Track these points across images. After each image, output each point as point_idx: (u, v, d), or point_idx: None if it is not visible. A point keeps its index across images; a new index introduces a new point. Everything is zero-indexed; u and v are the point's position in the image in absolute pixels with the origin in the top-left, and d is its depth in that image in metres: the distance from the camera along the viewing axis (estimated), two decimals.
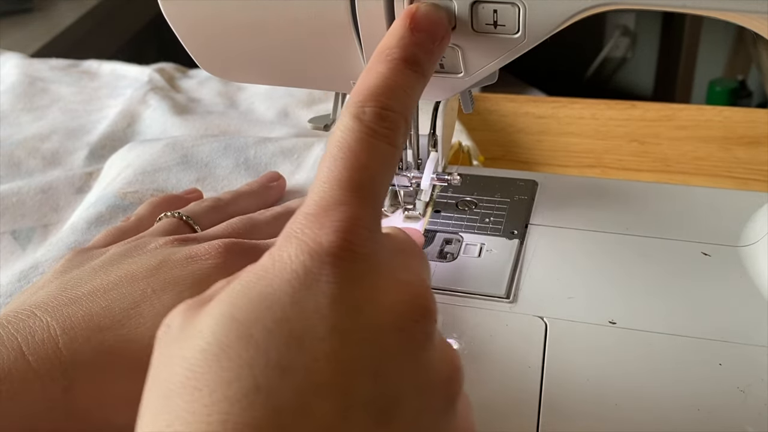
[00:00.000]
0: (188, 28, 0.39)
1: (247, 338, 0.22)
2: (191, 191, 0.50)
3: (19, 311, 0.33)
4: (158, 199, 0.47)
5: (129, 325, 0.33)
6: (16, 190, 0.55)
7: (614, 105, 0.67)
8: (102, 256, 0.39)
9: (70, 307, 0.34)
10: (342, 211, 0.25)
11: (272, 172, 0.52)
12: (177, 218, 0.44)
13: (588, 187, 0.50)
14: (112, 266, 0.37)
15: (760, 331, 0.38)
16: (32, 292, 0.37)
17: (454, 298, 0.41)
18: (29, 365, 0.31)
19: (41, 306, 0.34)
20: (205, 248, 0.37)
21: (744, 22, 0.34)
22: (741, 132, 0.62)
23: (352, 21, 0.35)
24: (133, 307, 0.34)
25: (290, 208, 0.46)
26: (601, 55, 1.96)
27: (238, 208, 0.47)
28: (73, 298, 0.34)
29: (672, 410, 0.35)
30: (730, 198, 0.48)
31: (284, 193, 0.52)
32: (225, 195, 0.48)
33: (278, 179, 0.51)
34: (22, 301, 0.36)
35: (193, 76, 0.74)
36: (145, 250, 0.38)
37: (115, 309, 0.34)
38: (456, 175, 0.47)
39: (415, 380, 0.24)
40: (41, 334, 0.32)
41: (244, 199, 0.48)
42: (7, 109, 0.68)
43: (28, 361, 0.31)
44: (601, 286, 0.42)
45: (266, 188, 0.50)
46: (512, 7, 0.33)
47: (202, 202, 0.46)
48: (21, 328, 0.32)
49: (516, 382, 0.36)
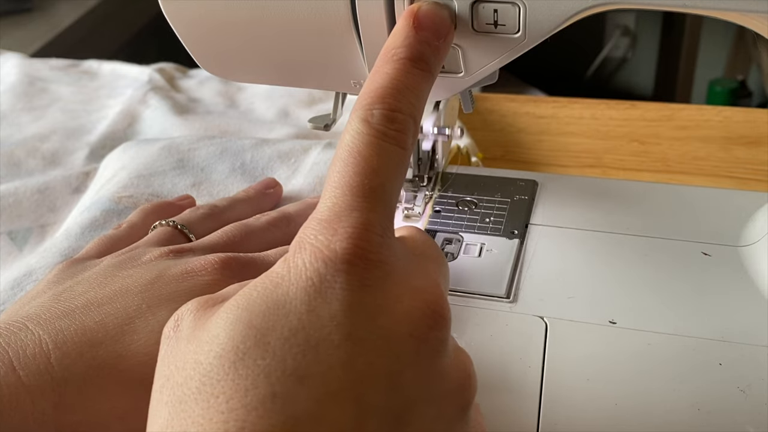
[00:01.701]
0: (188, 28, 0.39)
1: (264, 346, 0.22)
2: (184, 198, 0.50)
3: (10, 323, 0.33)
4: (150, 206, 0.47)
5: (123, 341, 0.33)
6: (13, 190, 0.54)
7: (614, 105, 0.67)
8: (95, 268, 0.38)
9: (63, 321, 0.33)
10: (354, 217, 0.25)
11: (269, 179, 0.51)
12: (171, 227, 0.43)
13: (588, 187, 0.50)
14: (107, 279, 0.36)
15: (760, 330, 0.38)
16: (24, 302, 0.36)
17: (454, 298, 0.41)
18: (20, 380, 0.30)
19: (33, 318, 0.33)
20: (201, 263, 0.37)
21: (744, 22, 0.34)
22: (741, 132, 0.62)
23: (352, 21, 0.35)
24: (127, 323, 0.33)
25: (286, 213, 0.46)
26: (601, 55, 1.96)
27: (234, 216, 0.46)
28: (66, 311, 0.34)
29: (672, 410, 0.35)
30: (730, 198, 0.48)
31: (281, 200, 0.51)
32: (220, 202, 0.47)
33: (275, 186, 0.51)
34: (14, 311, 0.35)
35: (193, 76, 0.74)
36: (139, 262, 0.38)
37: (108, 324, 0.33)
38: (456, 128, 0.47)
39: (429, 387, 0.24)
40: (33, 349, 0.32)
41: (240, 206, 0.48)
42: (6, 108, 0.68)
43: (19, 376, 0.31)
44: (601, 286, 0.42)
45: (262, 195, 0.50)
46: (512, 6, 0.33)
47: (197, 209, 0.46)
48: (12, 342, 0.32)
49: (516, 382, 0.36)
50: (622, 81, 2.01)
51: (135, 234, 0.43)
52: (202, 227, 0.44)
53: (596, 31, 1.95)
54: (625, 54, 1.96)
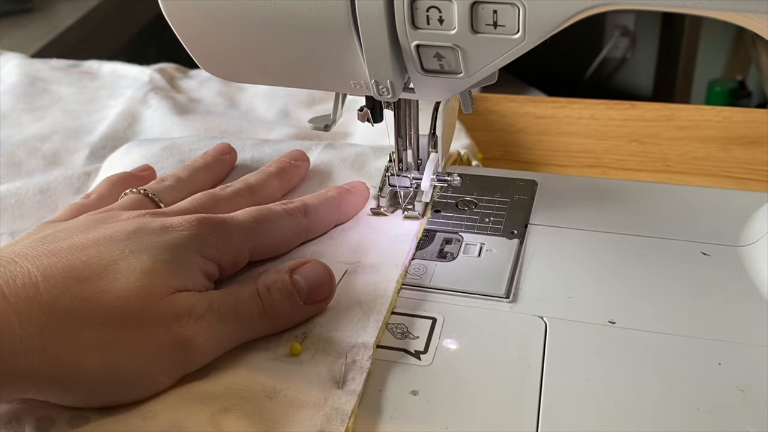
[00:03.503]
0: (188, 28, 0.39)
1: None
2: (144, 168, 0.52)
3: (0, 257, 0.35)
4: (116, 177, 0.49)
5: (106, 279, 0.35)
6: (15, 190, 0.55)
7: (614, 105, 0.67)
8: (75, 221, 0.40)
9: (50, 258, 0.35)
10: None
11: (224, 144, 0.53)
12: (142, 194, 0.45)
13: (588, 187, 0.50)
14: (89, 229, 0.38)
15: (759, 330, 0.38)
16: (8, 245, 0.38)
17: (454, 298, 0.41)
18: (10, 305, 0.32)
19: (21, 255, 0.35)
20: (179, 221, 0.39)
21: (744, 23, 0.34)
22: (740, 132, 0.62)
23: (352, 21, 0.36)
24: (111, 264, 0.36)
25: (248, 183, 0.48)
26: (600, 55, 1.96)
27: (197, 185, 0.49)
28: (52, 250, 0.36)
29: (672, 410, 0.35)
30: (730, 198, 0.48)
31: (235, 164, 0.54)
32: (182, 172, 0.50)
33: (230, 152, 0.53)
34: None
35: (193, 76, 0.74)
36: (118, 219, 0.40)
37: (93, 264, 0.35)
38: (456, 176, 0.47)
39: None
40: (22, 279, 0.34)
41: (201, 174, 0.50)
42: (7, 109, 0.68)
43: (9, 301, 0.33)
44: (601, 286, 0.42)
45: (219, 161, 0.52)
46: (512, 7, 0.33)
47: (162, 180, 0.48)
48: (2, 273, 0.34)
49: (516, 382, 0.36)
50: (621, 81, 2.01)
51: (104, 203, 0.45)
52: (170, 196, 0.46)
53: (596, 31, 1.95)
54: (625, 54, 1.96)
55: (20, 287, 0.33)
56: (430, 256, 0.45)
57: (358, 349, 0.38)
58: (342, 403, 0.35)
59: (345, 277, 0.43)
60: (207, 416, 0.34)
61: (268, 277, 0.39)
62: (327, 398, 0.35)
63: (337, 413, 0.35)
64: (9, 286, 0.33)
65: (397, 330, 0.40)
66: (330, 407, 0.35)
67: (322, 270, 0.40)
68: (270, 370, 0.37)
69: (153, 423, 0.34)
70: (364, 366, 0.37)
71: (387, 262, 0.44)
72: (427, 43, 0.36)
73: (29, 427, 0.35)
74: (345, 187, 0.48)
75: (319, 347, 0.38)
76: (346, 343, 0.38)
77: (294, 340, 0.38)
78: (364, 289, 0.42)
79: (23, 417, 0.35)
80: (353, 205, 0.48)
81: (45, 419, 0.35)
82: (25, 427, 0.35)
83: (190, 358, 0.36)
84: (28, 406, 0.35)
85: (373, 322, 0.39)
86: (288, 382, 0.36)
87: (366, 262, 0.44)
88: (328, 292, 0.40)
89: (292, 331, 0.39)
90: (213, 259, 0.39)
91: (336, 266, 0.42)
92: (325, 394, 0.35)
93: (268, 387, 0.36)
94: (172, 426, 0.34)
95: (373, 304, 0.40)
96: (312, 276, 0.40)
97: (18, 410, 0.35)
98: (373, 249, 0.45)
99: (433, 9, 0.34)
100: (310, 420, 0.34)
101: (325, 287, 0.40)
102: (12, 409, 0.35)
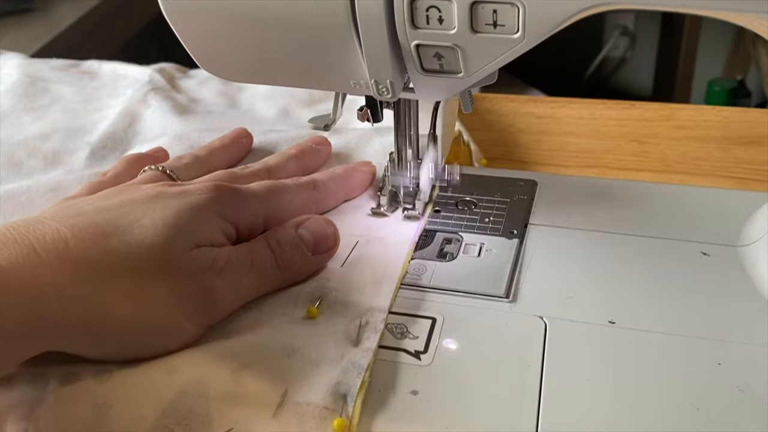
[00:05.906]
0: (188, 28, 0.39)
1: None
2: (158, 150, 0.53)
3: (28, 220, 0.36)
4: (133, 156, 0.51)
5: (132, 233, 0.37)
6: (26, 188, 0.55)
7: (613, 105, 0.67)
8: (96, 195, 0.41)
9: (76, 218, 0.37)
10: None
11: (241, 129, 0.55)
12: (161, 171, 0.47)
13: (588, 187, 0.50)
14: (110, 197, 0.40)
15: (759, 330, 0.38)
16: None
17: (454, 298, 0.42)
18: (41, 259, 0.34)
19: (48, 217, 0.37)
20: (197, 186, 0.41)
21: (743, 22, 0.34)
22: (740, 132, 0.62)
23: (352, 21, 0.36)
24: (135, 221, 0.37)
25: (267, 164, 0.50)
26: (600, 55, 1.96)
27: (214, 164, 0.50)
28: (78, 212, 0.38)
29: (672, 410, 0.35)
30: (730, 198, 0.48)
31: (251, 149, 0.55)
32: (200, 151, 0.52)
33: (247, 136, 0.55)
34: None
35: (193, 76, 0.74)
36: (138, 189, 0.41)
37: (118, 221, 0.37)
38: (455, 174, 0.48)
39: None
40: (51, 236, 0.35)
41: (218, 154, 0.52)
42: (7, 109, 0.68)
43: (40, 256, 0.34)
44: (600, 286, 0.42)
45: (236, 144, 0.54)
46: (512, 7, 0.33)
47: (180, 158, 0.50)
48: (32, 230, 0.35)
49: (516, 382, 0.36)
50: (621, 81, 2.01)
51: (120, 181, 0.47)
52: (187, 174, 0.48)
53: (595, 31, 1.95)
54: (624, 54, 1.96)
55: (50, 243, 0.35)
56: (429, 255, 0.45)
57: (372, 312, 0.40)
58: (358, 358, 0.37)
59: (357, 248, 0.44)
60: (228, 371, 0.36)
61: (276, 233, 0.42)
62: (344, 354, 0.37)
63: (354, 367, 0.37)
64: (39, 242, 0.34)
65: (397, 330, 0.40)
66: (347, 362, 0.37)
67: (325, 223, 0.43)
68: (288, 331, 0.39)
69: (176, 377, 0.36)
70: (378, 327, 0.39)
71: (397, 239, 0.45)
72: (427, 43, 0.36)
73: (54, 382, 0.36)
74: (352, 165, 0.50)
75: (335, 311, 0.40)
76: (362, 306, 0.40)
77: (310, 305, 0.40)
78: (377, 259, 0.44)
79: (48, 373, 0.36)
80: (361, 181, 0.50)
81: (70, 374, 0.36)
82: (50, 382, 0.36)
83: (213, 307, 0.38)
84: (54, 363, 0.36)
85: (387, 288, 0.41)
86: (306, 341, 0.38)
87: (375, 235, 0.46)
88: (333, 243, 0.43)
89: (308, 296, 0.41)
90: (230, 221, 0.41)
91: (347, 238, 0.45)
92: (341, 351, 0.37)
93: (287, 345, 0.38)
94: (194, 380, 0.36)
95: (384, 271, 0.42)
96: (315, 229, 0.43)
97: (43, 366, 0.36)
98: (384, 227, 0.47)
99: (432, 9, 0.34)
100: (328, 374, 0.36)
101: (329, 238, 0.43)
102: (37, 365, 0.36)
